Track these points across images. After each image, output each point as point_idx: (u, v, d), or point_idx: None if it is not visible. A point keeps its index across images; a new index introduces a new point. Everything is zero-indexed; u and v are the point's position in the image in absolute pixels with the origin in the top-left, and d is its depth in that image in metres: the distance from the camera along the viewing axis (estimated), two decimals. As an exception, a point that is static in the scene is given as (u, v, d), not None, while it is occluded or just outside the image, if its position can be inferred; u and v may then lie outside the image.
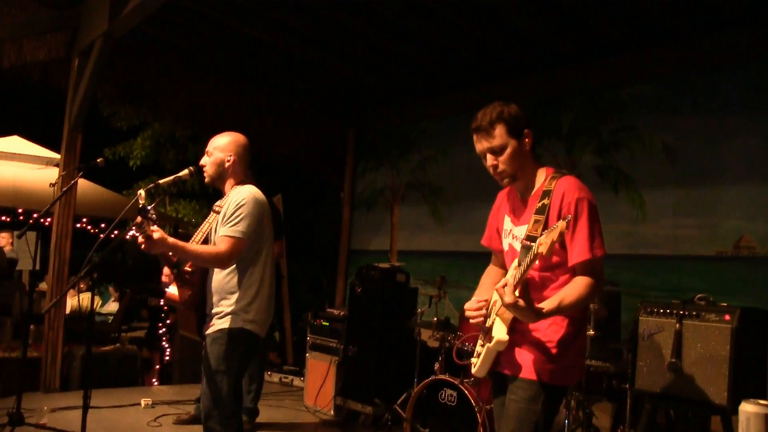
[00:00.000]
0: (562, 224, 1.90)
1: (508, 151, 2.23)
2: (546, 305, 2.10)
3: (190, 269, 3.01)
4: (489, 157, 2.26)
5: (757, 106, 4.62)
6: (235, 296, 2.93)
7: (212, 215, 3.07)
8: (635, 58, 5.30)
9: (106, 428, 4.51)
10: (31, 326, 5.93)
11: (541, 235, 1.96)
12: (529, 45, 5.51)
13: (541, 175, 2.29)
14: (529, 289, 2.09)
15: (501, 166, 2.25)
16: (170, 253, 2.92)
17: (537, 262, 2.03)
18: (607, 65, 5.50)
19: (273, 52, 6.18)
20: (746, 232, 4.57)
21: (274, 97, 7.27)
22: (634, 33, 5.06)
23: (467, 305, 2.32)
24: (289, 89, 7.24)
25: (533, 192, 2.28)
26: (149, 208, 2.63)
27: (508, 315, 2.18)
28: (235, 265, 2.95)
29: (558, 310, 2.10)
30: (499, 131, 2.22)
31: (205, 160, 3.12)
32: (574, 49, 5.46)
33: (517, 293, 2.05)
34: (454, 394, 3.94)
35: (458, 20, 5.18)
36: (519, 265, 2.11)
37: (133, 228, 2.67)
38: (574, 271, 2.18)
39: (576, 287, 2.13)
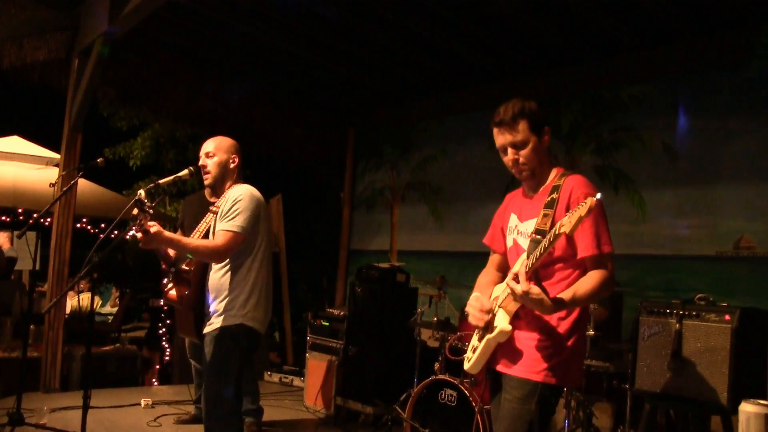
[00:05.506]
0: (590, 200, 1.91)
1: (530, 146, 2.26)
2: (562, 295, 2.09)
3: (187, 267, 3.01)
4: (510, 151, 2.28)
5: (757, 106, 4.62)
6: (232, 293, 2.93)
7: (209, 215, 3.07)
8: (635, 58, 5.29)
9: (106, 428, 4.51)
10: (31, 326, 5.94)
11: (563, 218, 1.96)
12: (529, 45, 5.51)
13: (552, 173, 2.33)
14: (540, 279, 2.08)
15: (522, 160, 2.27)
16: (167, 248, 2.92)
17: (557, 241, 2.02)
18: (607, 65, 5.50)
19: (272, 52, 6.18)
20: (746, 232, 4.57)
21: (275, 97, 7.27)
22: (634, 33, 5.05)
23: (472, 302, 2.29)
24: (289, 89, 7.23)
25: (542, 188, 2.31)
26: (146, 200, 2.62)
27: (512, 308, 2.18)
28: (230, 262, 2.95)
29: (573, 301, 2.10)
30: (523, 126, 2.25)
31: (205, 161, 3.12)
32: (574, 49, 5.46)
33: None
34: (454, 394, 3.95)
35: (458, 20, 5.17)
36: (528, 257, 2.11)
37: (132, 218, 2.65)
38: (584, 267, 2.19)
39: (589, 280, 2.14)
